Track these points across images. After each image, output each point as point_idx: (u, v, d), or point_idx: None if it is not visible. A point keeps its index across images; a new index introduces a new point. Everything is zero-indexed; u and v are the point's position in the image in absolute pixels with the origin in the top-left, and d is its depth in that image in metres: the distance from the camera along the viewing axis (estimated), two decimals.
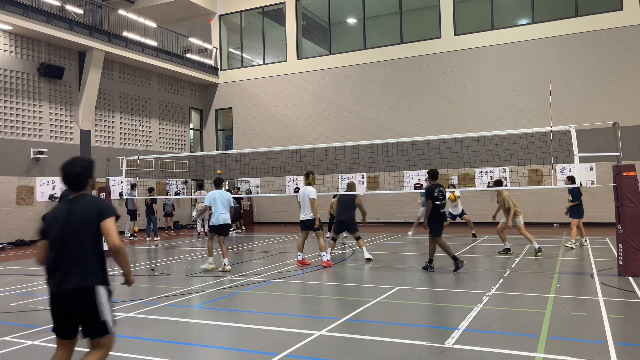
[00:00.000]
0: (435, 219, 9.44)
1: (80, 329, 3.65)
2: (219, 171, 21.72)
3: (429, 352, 4.89)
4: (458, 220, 15.47)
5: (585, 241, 12.75)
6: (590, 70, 18.48)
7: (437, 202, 9.36)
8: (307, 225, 10.51)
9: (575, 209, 12.38)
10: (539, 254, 11.04)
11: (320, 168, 17.33)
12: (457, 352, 4.86)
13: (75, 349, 3.81)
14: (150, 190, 17.78)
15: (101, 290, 3.57)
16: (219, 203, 10.28)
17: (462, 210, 15.39)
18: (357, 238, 11.14)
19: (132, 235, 18.04)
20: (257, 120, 24.10)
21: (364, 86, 22.08)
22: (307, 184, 10.60)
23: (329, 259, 10.47)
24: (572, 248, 12.27)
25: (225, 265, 10.16)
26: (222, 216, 10.29)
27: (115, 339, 3.72)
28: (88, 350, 3.68)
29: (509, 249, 11.72)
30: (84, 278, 3.53)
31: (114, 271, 6.53)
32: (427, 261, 9.65)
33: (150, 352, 5.11)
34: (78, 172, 3.72)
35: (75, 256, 3.56)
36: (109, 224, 3.57)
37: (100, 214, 3.59)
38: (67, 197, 3.86)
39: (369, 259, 10.96)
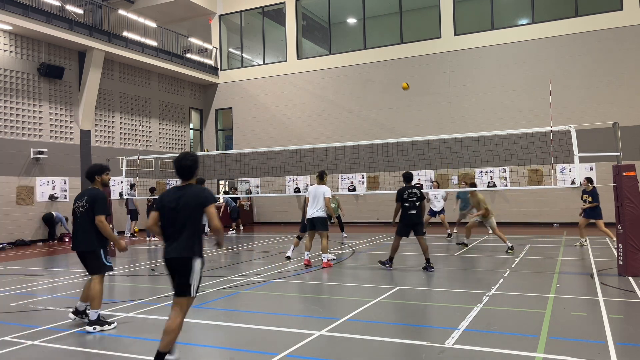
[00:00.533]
0: (401, 220, 9.76)
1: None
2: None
3: (429, 352, 4.89)
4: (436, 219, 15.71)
5: (585, 241, 12.78)
6: (590, 70, 18.48)
7: (406, 204, 9.65)
8: (314, 224, 10.45)
9: (595, 210, 12.14)
10: (510, 251, 11.71)
11: (321, 168, 17.29)
12: (457, 352, 4.86)
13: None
14: (152, 190, 17.77)
15: (196, 261, 4.46)
16: None
17: (442, 209, 15.51)
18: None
19: (132, 235, 18.04)
20: (257, 120, 24.10)
21: (364, 86, 22.08)
22: (322, 184, 10.60)
23: (330, 258, 10.54)
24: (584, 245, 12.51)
25: None
26: None
27: (192, 302, 4.59)
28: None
29: (466, 244, 12.85)
30: (186, 250, 4.43)
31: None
32: (425, 261, 9.67)
33: (150, 352, 5.10)
34: (189, 165, 4.63)
35: (181, 233, 4.46)
36: (211, 209, 4.49)
37: (204, 202, 4.50)
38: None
39: (288, 257, 11.34)
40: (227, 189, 24.44)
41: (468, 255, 11.65)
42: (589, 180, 12.51)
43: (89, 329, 5.89)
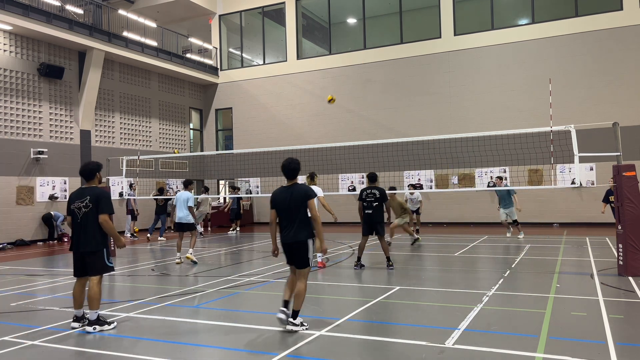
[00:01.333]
0: (362, 218, 10.05)
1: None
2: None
3: (429, 352, 4.89)
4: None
5: None
6: (590, 70, 18.48)
7: (364, 204, 9.97)
8: None
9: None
10: (416, 243, 13.32)
11: (320, 168, 17.30)
12: (457, 352, 4.86)
13: None
14: (161, 190, 17.83)
15: (309, 242, 5.81)
16: (179, 203, 11.30)
17: (417, 210, 15.59)
18: None
19: (132, 234, 18.05)
20: (257, 120, 24.10)
21: (364, 86, 22.08)
22: (313, 184, 10.62)
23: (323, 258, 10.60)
24: None
25: (190, 254, 11.13)
26: (179, 215, 11.33)
27: (310, 270, 5.93)
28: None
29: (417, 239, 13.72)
30: (301, 234, 5.77)
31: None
32: (386, 259, 9.94)
33: (150, 352, 5.11)
34: (295, 168, 5.91)
35: (295, 221, 5.78)
36: (312, 202, 5.81)
37: (306, 197, 5.79)
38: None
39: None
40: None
41: (468, 255, 11.65)
42: None
43: (89, 329, 5.88)
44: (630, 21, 18.07)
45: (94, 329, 5.87)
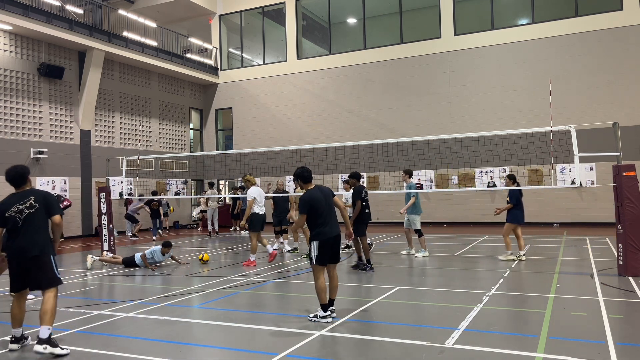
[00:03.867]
0: (361, 219, 9.86)
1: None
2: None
3: (429, 352, 4.89)
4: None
5: (524, 256, 10.53)
6: (590, 70, 18.48)
7: (364, 203, 9.90)
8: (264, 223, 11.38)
9: (514, 212, 10.55)
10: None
11: (320, 168, 17.30)
12: (457, 352, 4.86)
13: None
14: (154, 193, 17.86)
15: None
16: None
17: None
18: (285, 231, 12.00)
19: (133, 235, 18.04)
20: (257, 120, 24.10)
21: (364, 86, 22.07)
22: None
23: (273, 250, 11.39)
24: (515, 259, 10.44)
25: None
26: None
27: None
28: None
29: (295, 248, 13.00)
30: (338, 229, 6.35)
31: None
32: (365, 261, 9.81)
33: (150, 352, 5.11)
34: (307, 176, 6.50)
35: (331, 217, 6.32)
36: (337, 198, 6.58)
37: (332, 195, 6.47)
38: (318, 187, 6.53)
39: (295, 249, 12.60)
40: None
41: (468, 256, 11.65)
42: (511, 177, 10.69)
43: (39, 348, 4.97)
44: (630, 21, 18.07)
45: (45, 348, 4.98)
